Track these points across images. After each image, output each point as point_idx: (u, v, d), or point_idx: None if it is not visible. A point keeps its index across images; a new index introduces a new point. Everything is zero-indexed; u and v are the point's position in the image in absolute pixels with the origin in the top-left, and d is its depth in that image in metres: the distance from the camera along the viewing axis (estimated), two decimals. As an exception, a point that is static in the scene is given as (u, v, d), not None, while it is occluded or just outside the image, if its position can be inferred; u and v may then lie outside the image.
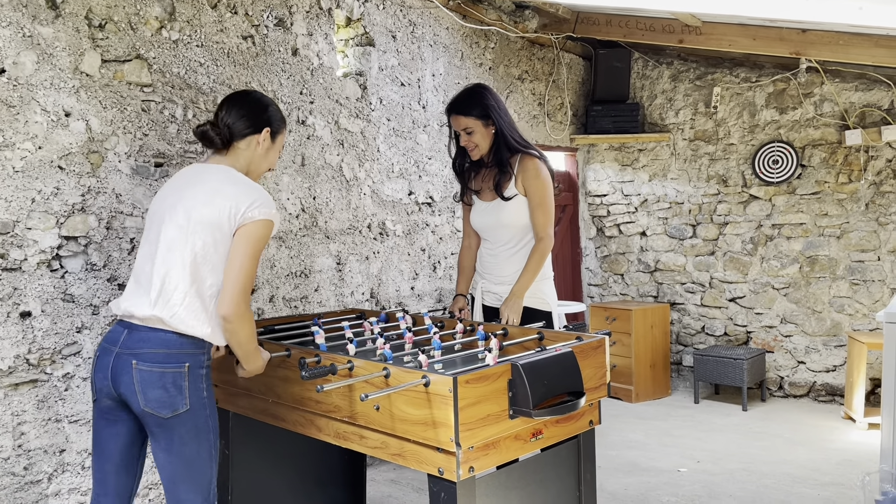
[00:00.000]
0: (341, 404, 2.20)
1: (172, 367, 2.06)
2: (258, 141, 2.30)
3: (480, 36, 5.00)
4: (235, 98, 2.35)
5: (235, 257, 2.11)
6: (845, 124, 5.20)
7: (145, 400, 2.04)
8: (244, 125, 2.28)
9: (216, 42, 3.27)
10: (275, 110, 2.37)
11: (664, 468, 4.02)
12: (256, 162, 2.33)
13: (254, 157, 2.32)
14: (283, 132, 2.40)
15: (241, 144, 2.29)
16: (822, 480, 3.79)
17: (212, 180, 2.19)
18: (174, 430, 2.07)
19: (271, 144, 2.35)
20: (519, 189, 2.96)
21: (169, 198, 2.21)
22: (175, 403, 2.06)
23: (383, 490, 3.73)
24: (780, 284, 5.52)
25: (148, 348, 2.06)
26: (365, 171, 4.10)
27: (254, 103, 2.33)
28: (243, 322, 2.12)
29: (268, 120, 2.32)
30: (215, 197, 2.13)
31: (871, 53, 4.51)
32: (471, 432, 1.91)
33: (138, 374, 2.04)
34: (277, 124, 2.36)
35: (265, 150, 2.33)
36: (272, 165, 2.41)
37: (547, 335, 2.53)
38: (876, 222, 5.14)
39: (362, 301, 4.09)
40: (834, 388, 5.34)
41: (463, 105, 2.97)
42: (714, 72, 5.75)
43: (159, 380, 2.04)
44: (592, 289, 6.44)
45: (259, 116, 2.30)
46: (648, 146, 6.07)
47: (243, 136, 2.28)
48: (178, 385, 2.06)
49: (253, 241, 2.12)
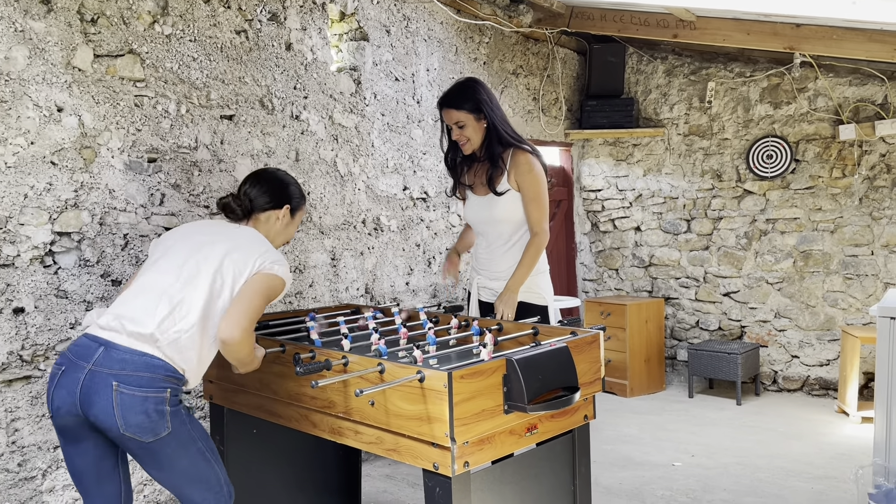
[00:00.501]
0: (336, 400, 2.19)
1: (154, 392, 1.99)
2: (278, 216, 2.44)
3: (475, 30, 4.99)
4: (259, 174, 2.49)
5: (247, 290, 2.16)
6: (839, 119, 5.21)
7: (126, 425, 1.96)
8: (265, 200, 2.42)
9: (209, 37, 3.25)
10: (295, 189, 2.50)
11: (658, 462, 4.03)
12: (273, 235, 2.44)
13: (272, 230, 2.44)
14: (302, 208, 2.52)
15: (262, 217, 2.43)
16: (816, 474, 3.80)
17: (242, 236, 2.30)
18: (158, 452, 2.02)
19: (290, 220, 2.49)
20: (512, 184, 2.95)
21: (193, 238, 2.27)
22: (157, 428, 1.99)
23: (378, 485, 3.74)
24: (773, 279, 5.54)
25: (131, 370, 1.98)
26: (359, 167, 4.09)
27: (276, 181, 2.47)
28: (241, 346, 2.14)
29: (288, 197, 2.46)
30: (244, 248, 2.22)
31: (865, 48, 4.52)
32: (466, 427, 1.91)
33: (119, 396, 1.95)
34: (297, 201, 2.49)
35: (284, 226, 2.47)
36: (289, 238, 2.54)
37: (542, 330, 2.53)
38: (869, 217, 5.16)
39: (357, 296, 4.09)
40: (827, 383, 5.36)
41: (454, 99, 2.96)
42: (708, 67, 5.76)
43: (141, 405, 1.96)
44: (587, 284, 6.45)
45: (280, 193, 2.45)
46: (643, 141, 6.08)
47: (263, 210, 2.42)
48: (159, 411, 1.99)
49: (266, 285, 2.19)
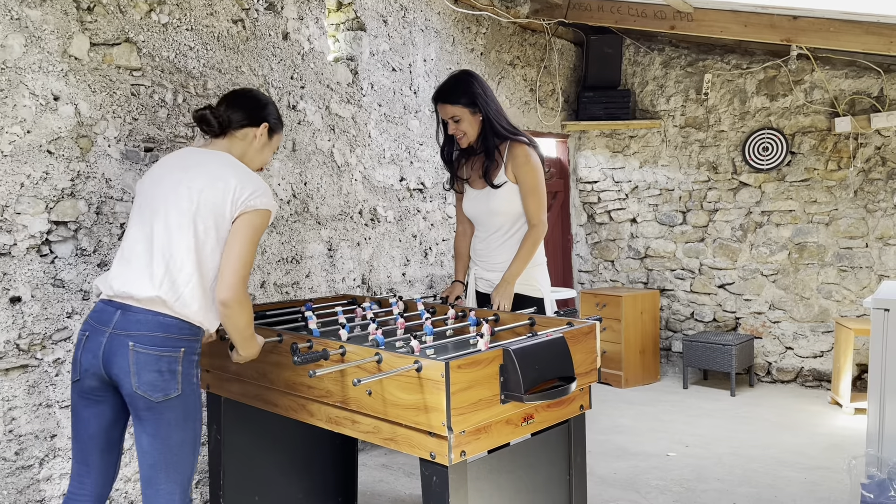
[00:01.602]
0: (333, 389, 2.20)
1: (169, 351, 2.06)
2: (255, 134, 2.35)
3: (472, 21, 4.98)
4: (237, 92, 2.43)
5: (234, 244, 2.12)
6: (835, 111, 5.22)
7: (139, 382, 2.04)
8: (243, 116, 2.33)
9: (206, 26, 3.24)
10: (273, 109, 2.42)
11: (653, 452, 4.06)
12: (250, 155, 2.36)
13: (248, 150, 2.35)
14: (279, 132, 2.44)
15: (238, 134, 2.33)
16: (809, 464, 3.83)
17: (213, 164, 2.20)
18: (163, 414, 2.07)
19: (267, 141, 2.39)
20: (509, 176, 2.95)
21: (166, 179, 2.20)
22: (167, 388, 2.06)
23: (375, 475, 3.76)
24: (768, 271, 5.56)
25: (146, 330, 2.06)
26: (356, 157, 4.09)
27: (254, 99, 2.39)
28: (242, 308, 2.13)
29: (266, 116, 2.38)
30: (217, 181, 2.14)
31: (862, 41, 4.53)
32: (462, 417, 1.92)
33: (134, 355, 2.04)
34: (275, 122, 2.41)
35: (261, 146, 2.37)
36: (265, 163, 2.44)
37: (538, 321, 2.54)
38: (864, 209, 5.18)
39: (353, 287, 4.09)
40: (821, 374, 5.40)
41: (449, 93, 2.95)
42: (705, 58, 5.76)
43: (155, 363, 2.05)
44: (583, 275, 6.47)
45: (259, 111, 2.36)
46: (639, 133, 6.08)
47: (241, 127, 2.33)
48: (172, 369, 2.07)
49: (252, 229, 2.14)
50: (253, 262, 2.17)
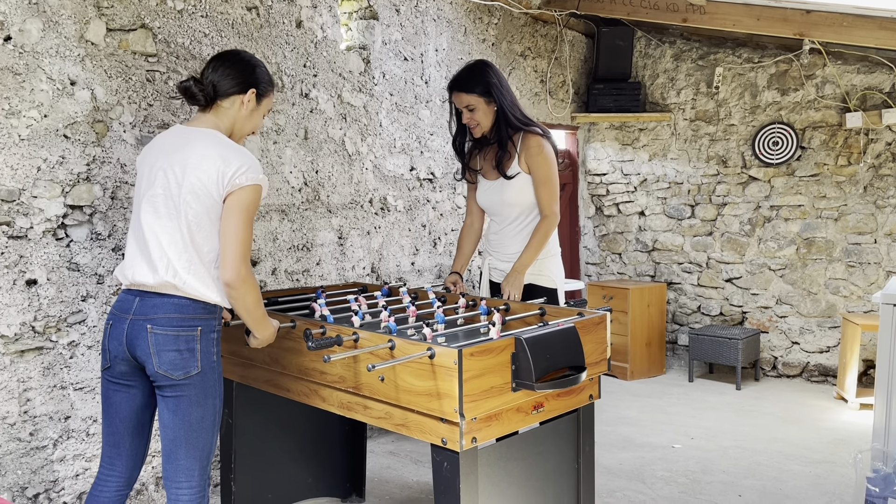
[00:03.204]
0: (346, 375, 2.23)
1: (186, 331, 2.10)
2: (243, 101, 2.26)
3: (484, 11, 4.98)
4: (223, 56, 2.29)
5: (228, 225, 2.11)
6: (846, 107, 5.21)
7: (160, 361, 2.08)
8: (230, 84, 2.23)
9: (220, 13, 3.25)
10: (263, 72, 2.31)
11: (658, 444, 4.08)
12: (240, 123, 2.29)
13: (237, 118, 2.27)
14: (269, 95, 2.34)
15: (225, 104, 2.25)
16: (814, 458, 3.85)
17: (198, 144, 2.15)
18: (184, 391, 2.11)
19: (256, 106, 2.30)
20: (522, 167, 2.96)
21: (158, 162, 2.18)
22: (187, 365, 2.10)
23: (382, 462, 3.79)
24: (776, 266, 5.56)
25: (162, 313, 2.09)
26: (367, 146, 4.10)
27: (241, 63, 2.28)
28: (247, 287, 2.13)
29: (255, 81, 2.27)
30: (201, 163, 2.10)
31: (875, 36, 4.51)
32: (474, 404, 1.94)
33: (153, 337, 2.08)
34: (264, 86, 2.31)
35: (249, 112, 2.28)
36: (256, 128, 2.36)
37: (549, 311, 2.56)
38: (874, 205, 5.17)
39: (363, 275, 4.11)
40: (827, 369, 5.40)
41: (464, 82, 2.95)
42: (716, 52, 5.74)
43: (174, 342, 2.09)
44: (590, 267, 6.48)
45: (246, 76, 2.26)
46: (649, 126, 6.07)
47: (228, 96, 2.24)
48: (190, 348, 2.10)
49: (243, 207, 2.12)
50: (251, 239, 2.15)
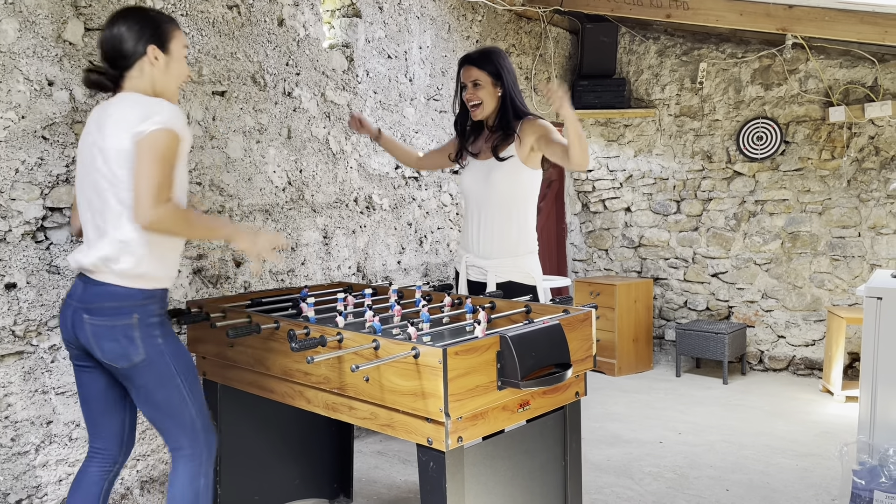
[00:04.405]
0: (330, 376, 2.21)
1: (121, 320, 2.06)
2: (149, 62, 2.11)
3: (468, 8, 4.96)
4: (103, 39, 2.13)
5: (137, 167, 1.98)
6: (829, 101, 5.24)
7: (101, 352, 2.08)
8: (122, 56, 2.10)
9: (201, 11, 3.22)
10: (150, 23, 2.12)
11: (646, 440, 4.09)
12: (161, 81, 2.15)
13: (156, 78, 2.13)
14: (173, 37, 2.16)
15: (134, 73, 2.12)
16: (801, 451, 3.87)
17: (114, 112, 2.07)
18: (136, 379, 2.11)
19: (168, 56, 2.14)
20: (524, 149, 2.88)
21: (87, 140, 2.13)
22: (129, 354, 2.07)
23: (370, 462, 3.77)
24: (761, 260, 5.59)
25: (98, 302, 2.07)
26: (351, 145, 4.08)
27: (120, 33, 2.10)
28: (168, 219, 2.00)
29: (147, 38, 2.10)
30: (119, 130, 2.02)
31: (857, 30, 4.53)
32: (460, 403, 1.93)
33: (90, 328, 2.07)
34: (159, 36, 2.12)
35: (164, 66, 2.14)
36: (183, 76, 2.21)
37: (534, 308, 2.55)
38: (857, 199, 5.21)
39: (349, 275, 4.10)
40: (813, 362, 5.44)
41: (478, 58, 2.96)
42: (700, 47, 5.76)
43: (110, 332, 2.06)
44: (577, 264, 6.48)
45: (136, 41, 2.09)
46: (634, 122, 6.08)
47: (130, 66, 2.11)
48: (129, 336, 2.06)
49: (150, 148, 1.98)
50: (169, 181, 1.99)
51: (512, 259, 2.94)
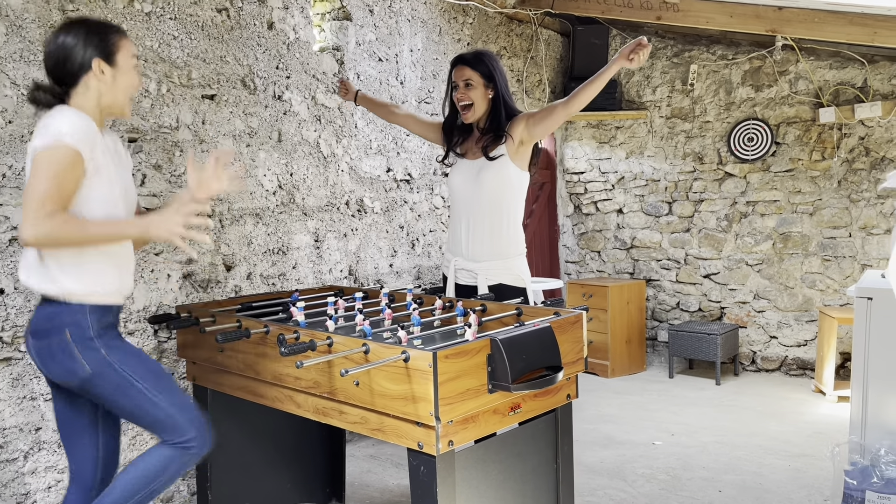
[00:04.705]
0: (321, 380, 2.20)
1: (56, 338, 2.01)
2: (94, 76, 2.01)
3: (458, 11, 4.96)
4: (47, 52, 2.03)
5: (26, 186, 1.90)
6: (819, 102, 5.25)
7: (49, 372, 2.06)
8: (66, 73, 2.00)
9: (190, 15, 3.21)
10: (92, 37, 2.01)
11: (639, 441, 4.08)
12: (108, 95, 2.05)
13: (101, 93, 2.04)
14: (120, 48, 2.05)
15: (79, 89, 2.02)
16: (793, 452, 3.88)
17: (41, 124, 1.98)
18: (94, 393, 2.07)
19: (114, 69, 2.04)
20: (513, 144, 2.90)
21: None
22: (75, 370, 2.02)
23: (363, 465, 3.76)
24: (753, 261, 5.60)
25: (35, 324, 2.04)
26: (342, 148, 4.07)
27: (64, 47, 2.00)
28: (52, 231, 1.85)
29: (90, 53, 2.00)
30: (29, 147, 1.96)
31: (846, 31, 4.55)
32: (450, 406, 1.92)
33: (34, 350, 2.05)
34: (103, 48, 2.02)
35: (111, 79, 2.04)
36: (133, 88, 2.11)
37: (525, 311, 2.55)
38: (848, 199, 5.22)
39: (340, 278, 4.08)
40: (805, 363, 5.45)
41: (471, 58, 2.98)
42: (691, 49, 5.77)
43: (48, 351, 2.02)
44: (570, 266, 6.48)
45: (78, 56, 1.99)
46: (625, 124, 6.09)
47: (75, 83, 2.02)
48: (67, 352, 2.01)
49: (35, 163, 1.88)
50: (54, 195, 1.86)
51: (502, 261, 2.93)
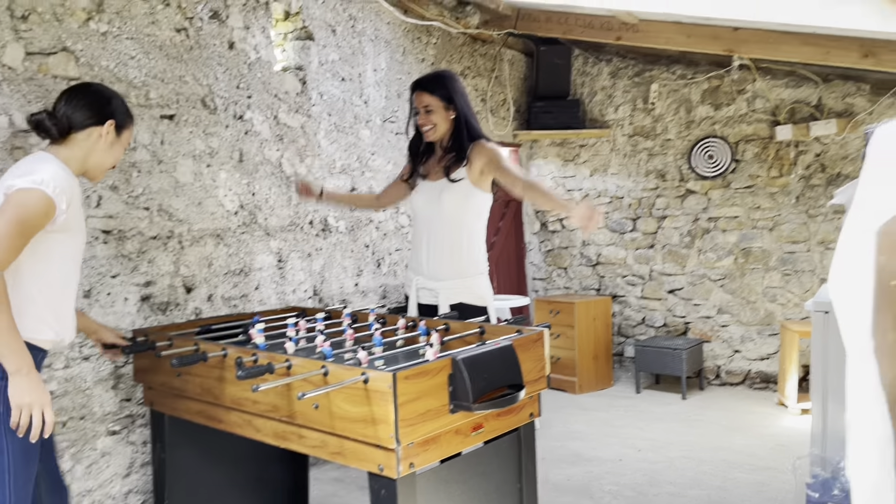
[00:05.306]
0: (280, 404, 2.16)
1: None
2: (100, 133, 2.16)
3: (422, 31, 4.99)
4: (76, 89, 2.21)
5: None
6: (776, 120, 5.37)
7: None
8: (85, 116, 2.13)
9: (148, 35, 3.17)
10: (119, 103, 2.23)
11: (606, 458, 4.09)
12: (98, 155, 2.17)
13: (94, 150, 2.16)
14: (129, 127, 2.25)
15: (81, 136, 2.13)
16: (757, 465, 3.91)
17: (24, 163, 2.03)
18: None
19: (116, 139, 2.20)
20: (473, 174, 2.90)
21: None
22: None
23: (327, 489, 3.70)
24: (716, 276, 5.68)
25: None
26: (306, 167, 4.04)
27: (96, 95, 2.19)
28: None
29: (111, 112, 2.18)
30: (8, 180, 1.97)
31: (800, 51, 4.66)
32: (411, 428, 1.90)
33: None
34: (122, 117, 2.22)
35: (109, 144, 2.18)
36: (117, 161, 2.26)
37: (488, 329, 2.54)
38: (806, 214, 5.33)
39: (305, 299, 4.04)
40: (768, 376, 5.52)
41: (428, 83, 2.96)
42: (651, 69, 5.87)
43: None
44: (537, 283, 6.51)
45: (102, 108, 2.17)
46: (589, 142, 6.16)
47: (83, 128, 2.13)
48: None
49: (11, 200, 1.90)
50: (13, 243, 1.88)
51: (462, 280, 2.93)
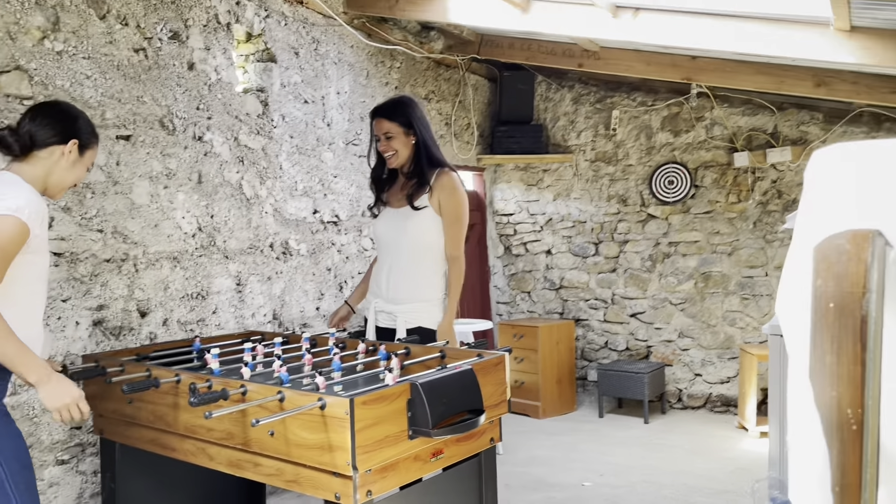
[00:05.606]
0: (234, 431, 2.11)
1: None
2: (63, 152, 2.15)
3: (386, 55, 5.00)
4: (42, 106, 2.21)
5: None
6: (734, 147, 5.49)
7: None
8: (49, 134, 2.12)
9: (105, 54, 3.12)
10: (85, 123, 2.23)
11: (569, 483, 4.07)
12: (59, 174, 2.16)
13: (56, 169, 2.15)
14: (93, 147, 2.24)
15: (43, 154, 2.13)
16: (717, 488, 3.93)
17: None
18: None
19: (79, 158, 2.19)
20: (433, 203, 2.90)
21: None
22: None
23: (286, 518, 3.61)
24: (677, 300, 5.74)
25: None
26: (266, 189, 4.00)
27: (62, 113, 2.19)
28: None
29: (76, 131, 2.17)
30: None
31: (754, 80, 4.78)
32: (368, 455, 1.86)
33: None
34: (87, 137, 2.21)
35: (71, 163, 2.17)
36: (78, 180, 2.25)
37: (448, 353, 2.52)
38: (763, 240, 5.43)
39: (264, 323, 3.97)
40: (728, 399, 5.57)
41: (387, 110, 2.96)
42: (613, 95, 5.97)
43: None
44: (501, 306, 6.51)
45: (66, 126, 2.16)
46: (552, 167, 6.22)
47: (46, 146, 2.13)
48: None
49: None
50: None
51: (421, 304, 2.91)
